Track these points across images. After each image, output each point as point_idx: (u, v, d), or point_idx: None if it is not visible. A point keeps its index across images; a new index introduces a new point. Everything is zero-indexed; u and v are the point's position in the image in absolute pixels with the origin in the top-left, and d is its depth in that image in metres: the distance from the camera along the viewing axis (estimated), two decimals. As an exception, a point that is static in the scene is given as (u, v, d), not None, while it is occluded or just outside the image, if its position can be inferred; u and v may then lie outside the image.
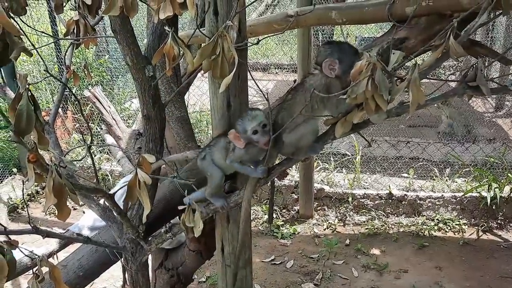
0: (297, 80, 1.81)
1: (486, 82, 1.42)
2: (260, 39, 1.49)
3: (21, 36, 1.06)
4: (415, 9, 1.67)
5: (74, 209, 4.60)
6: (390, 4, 1.81)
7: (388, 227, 4.37)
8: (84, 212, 4.50)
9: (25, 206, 4.91)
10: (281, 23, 2.33)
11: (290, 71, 7.64)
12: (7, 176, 5.22)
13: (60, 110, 5.03)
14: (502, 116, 6.23)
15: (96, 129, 5.38)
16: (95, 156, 5.34)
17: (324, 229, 4.44)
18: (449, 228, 4.30)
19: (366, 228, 4.35)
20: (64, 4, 1.28)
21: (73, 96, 5.59)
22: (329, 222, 4.51)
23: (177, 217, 1.89)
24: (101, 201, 1.85)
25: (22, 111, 1.01)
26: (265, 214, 4.60)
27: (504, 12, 1.39)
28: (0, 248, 1.10)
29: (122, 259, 1.83)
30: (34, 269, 1.29)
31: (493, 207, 4.25)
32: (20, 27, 1.07)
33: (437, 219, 4.37)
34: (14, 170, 5.26)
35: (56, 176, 1.04)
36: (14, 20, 1.06)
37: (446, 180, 4.63)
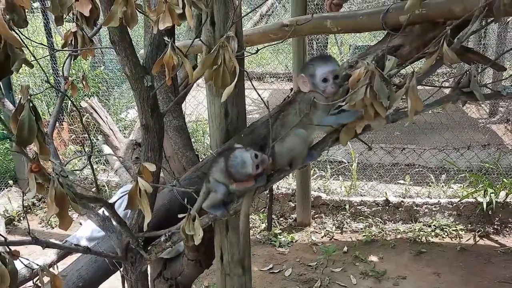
0: (293, 88, 1.84)
1: (479, 88, 1.45)
2: (258, 48, 1.52)
3: (22, 48, 1.07)
4: (409, 17, 1.69)
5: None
6: (384, 13, 1.84)
7: (386, 233, 4.37)
8: (81, 224, 4.49)
9: (21, 218, 4.88)
10: (276, 32, 2.36)
11: (285, 79, 7.68)
12: (3, 189, 5.19)
13: (56, 121, 5.04)
14: (496, 122, 6.28)
15: (93, 139, 5.38)
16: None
17: (322, 237, 4.44)
18: (446, 234, 4.31)
19: (364, 235, 4.35)
20: (65, 16, 1.30)
21: (69, 107, 5.60)
22: (326, 230, 4.51)
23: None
24: (100, 211, 1.86)
25: (24, 122, 1.02)
26: (262, 223, 4.59)
27: (495, 20, 1.42)
28: (1, 258, 1.10)
29: (122, 269, 1.83)
30: (35, 280, 1.29)
31: (489, 212, 4.27)
32: (21, 39, 1.08)
33: (434, 225, 4.38)
34: (10, 182, 5.25)
35: (58, 186, 1.05)
36: (16, 33, 1.07)
37: (442, 186, 4.65)
